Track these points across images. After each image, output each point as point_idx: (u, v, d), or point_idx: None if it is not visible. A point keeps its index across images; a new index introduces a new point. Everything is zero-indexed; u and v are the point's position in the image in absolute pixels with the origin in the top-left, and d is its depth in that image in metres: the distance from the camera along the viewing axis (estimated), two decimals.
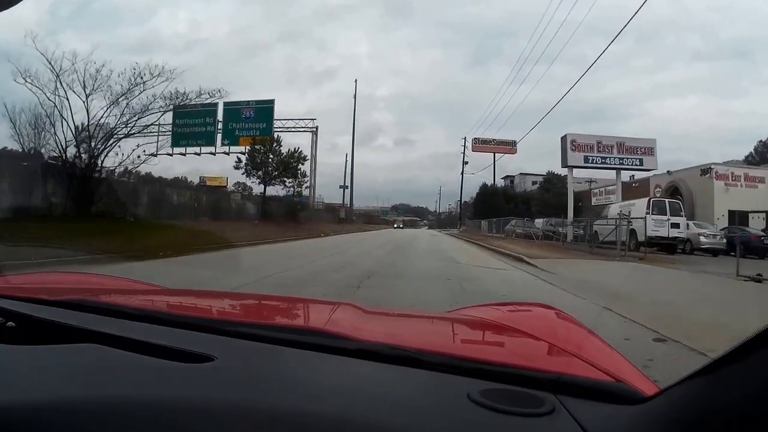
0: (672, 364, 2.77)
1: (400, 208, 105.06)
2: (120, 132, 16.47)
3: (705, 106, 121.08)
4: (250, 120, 31.88)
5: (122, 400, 0.54)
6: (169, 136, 31.37)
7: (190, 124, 32.07)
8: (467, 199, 56.06)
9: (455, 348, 0.91)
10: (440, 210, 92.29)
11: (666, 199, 17.55)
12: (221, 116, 32.13)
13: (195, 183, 40.73)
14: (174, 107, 30.08)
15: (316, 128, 34.68)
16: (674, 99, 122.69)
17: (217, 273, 6.61)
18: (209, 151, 32.42)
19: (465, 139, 49.01)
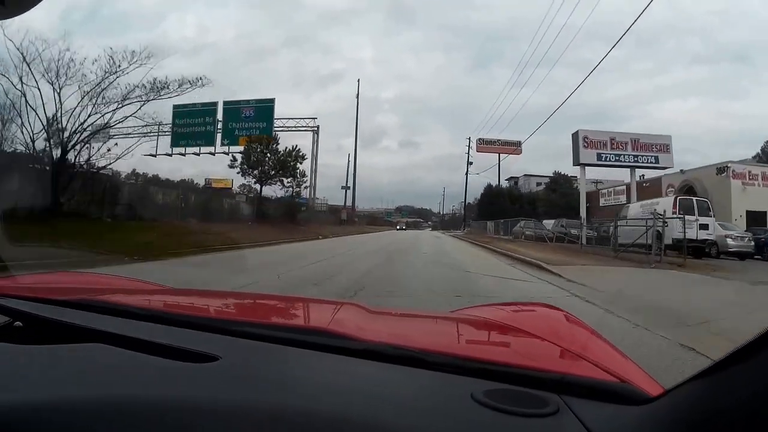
0: None
1: (404, 210, 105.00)
2: (95, 123, 15.18)
3: (705, 109, 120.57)
4: (250, 119, 31.58)
5: (128, 399, 0.55)
6: (159, 135, 30.99)
7: (190, 124, 32.03)
8: (471, 201, 55.11)
9: (459, 348, 0.91)
10: (444, 211, 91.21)
11: (694, 198, 15.97)
12: (221, 116, 31.97)
13: (201, 185, 40.40)
14: (174, 107, 30.24)
15: (317, 127, 34.36)
16: (675, 101, 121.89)
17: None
18: (209, 151, 32.24)
19: (469, 139, 48.21)
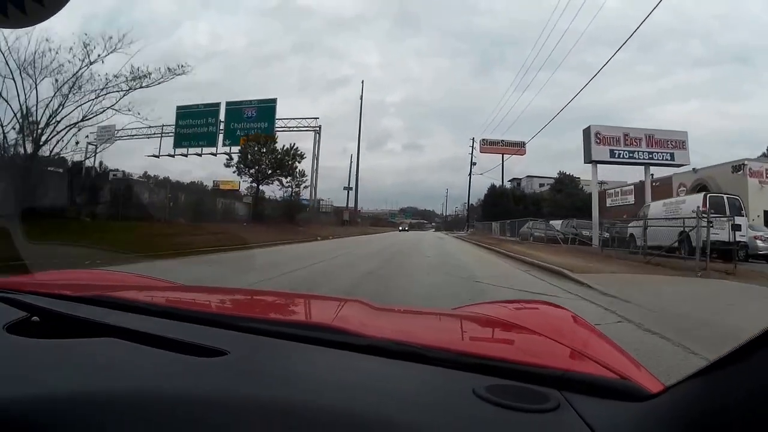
0: None
1: (408, 211, 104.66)
2: (70, 114, 14.16)
3: (706, 110, 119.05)
4: (252, 119, 31.21)
5: (140, 392, 0.55)
6: (162, 136, 30.53)
7: (193, 125, 31.70)
8: (474, 202, 54.12)
9: (461, 344, 0.91)
10: (447, 213, 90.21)
11: (725, 195, 14.71)
12: (223, 116, 31.55)
13: (209, 186, 39.98)
14: (177, 108, 29.68)
15: (319, 127, 33.57)
16: (676, 103, 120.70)
17: None
18: (211, 152, 31.73)
19: (473, 140, 47.13)
